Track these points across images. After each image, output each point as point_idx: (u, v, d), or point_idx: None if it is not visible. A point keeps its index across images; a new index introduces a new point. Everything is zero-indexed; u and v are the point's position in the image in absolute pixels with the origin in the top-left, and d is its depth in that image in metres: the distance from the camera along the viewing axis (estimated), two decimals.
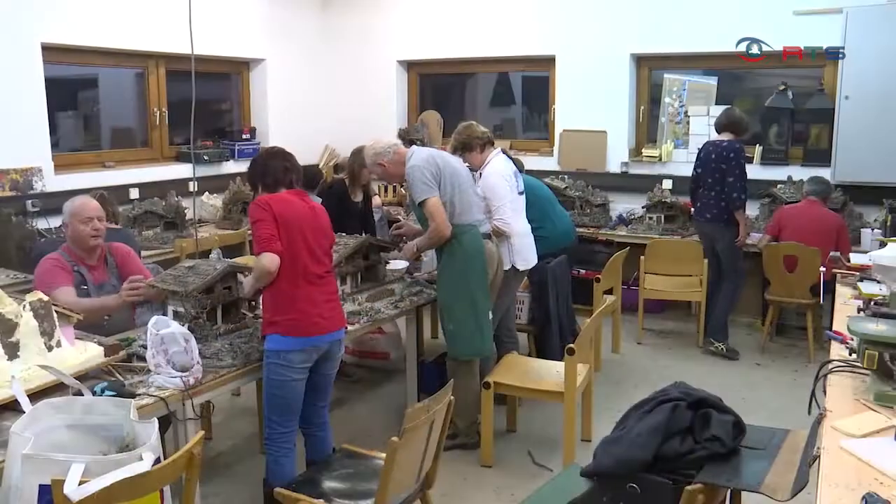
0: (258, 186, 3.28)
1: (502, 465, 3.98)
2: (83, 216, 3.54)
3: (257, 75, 7.56)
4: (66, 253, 3.60)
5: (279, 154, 3.34)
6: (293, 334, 3.03)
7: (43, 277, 3.48)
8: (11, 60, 5.34)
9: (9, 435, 2.20)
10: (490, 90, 8.28)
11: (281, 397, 3.08)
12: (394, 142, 4.08)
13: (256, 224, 3.05)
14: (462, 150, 4.32)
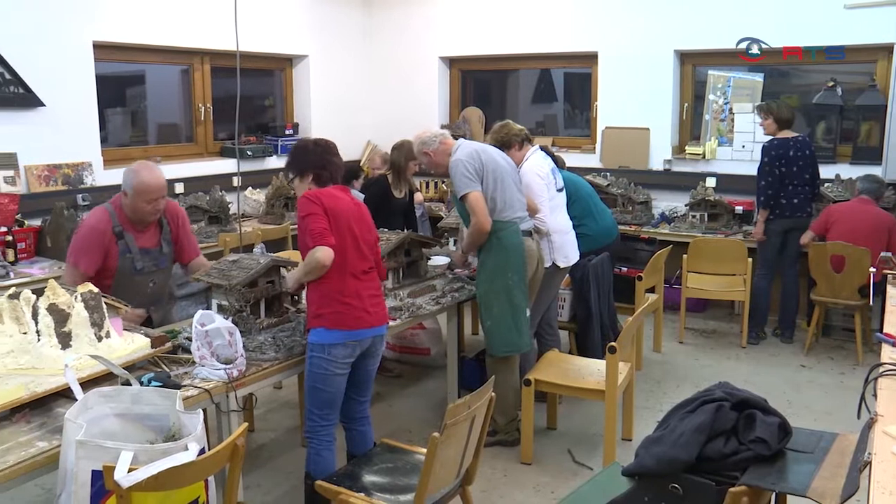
0: (308, 175, 3.23)
1: (542, 463, 3.97)
2: (149, 197, 3.41)
3: (300, 71, 7.62)
4: (115, 212, 3.46)
5: (333, 149, 3.32)
6: (338, 327, 3.03)
7: (75, 247, 3.42)
8: (65, 59, 5.46)
9: (63, 421, 2.26)
10: (532, 87, 8.25)
11: (323, 390, 3.09)
12: (441, 132, 4.09)
13: (308, 218, 3.04)
14: (500, 149, 4.30)
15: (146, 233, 3.53)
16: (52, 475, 2.32)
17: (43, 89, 5.26)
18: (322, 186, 3.20)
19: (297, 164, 3.28)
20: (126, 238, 3.45)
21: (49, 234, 5.07)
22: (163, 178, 3.47)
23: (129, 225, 3.47)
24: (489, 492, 3.69)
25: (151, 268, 3.55)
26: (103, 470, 2.11)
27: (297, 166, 3.27)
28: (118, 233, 3.44)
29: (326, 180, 3.21)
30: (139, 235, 3.50)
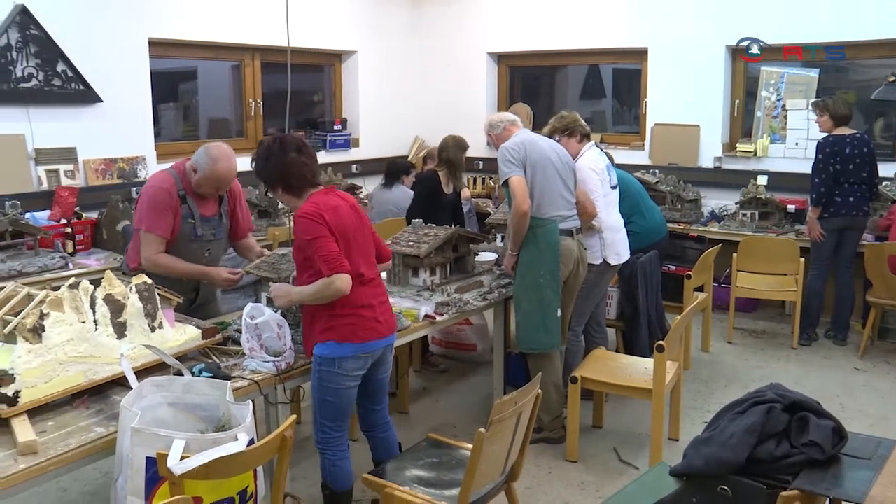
0: (278, 189, 3.00)
1: (587, 461, 3.95)
2: (216, 185, 3.46)
3: (349, 67, 7.67)
4: (178, 176, 3.47)
5: (295, 145, 3.00)
6: (349, 340, 2.88)
7: (144, 209, 3.42)
8: (122, 56, 5.60)
9: (119, 408, 2.32)
10: (580, 83, 8.19)
11: (334, 403, 2.95)
12: (511, 118, 4.11)
13: (318, 241, 2.81)
14: (562, 134, 4.28)
15: (207, 201, 3.56)
16: (110, 460, 2.39)
17: (101, 86, 5.40)
18: (300, 194, 2.96)
19: (264, 178, 3.04)
20: (189, 203, 3.47)
21: (105, 227, 5.20)
22: (235, 168, 3.50)
23: (191, 191, 3.49)
24: (534, 489, 3.68)
25: (209, 236, 3.57)
26: (157, 457, 2.17)
27: (265, 179, 3.03)
28: (182, 196, 3.45)
29: (298, 188, 2.97)
30: (201, 203, 3.53)
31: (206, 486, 2.24)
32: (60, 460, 2.25)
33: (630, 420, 4.39)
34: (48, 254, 4.70)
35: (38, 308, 2.64)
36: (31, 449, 2.23)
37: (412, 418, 4.49)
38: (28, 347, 2.56)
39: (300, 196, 2.97)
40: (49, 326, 2.62)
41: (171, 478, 2.14)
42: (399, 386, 4.56)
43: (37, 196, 5.14)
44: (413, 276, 4.10)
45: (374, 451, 3.24)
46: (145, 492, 2.24)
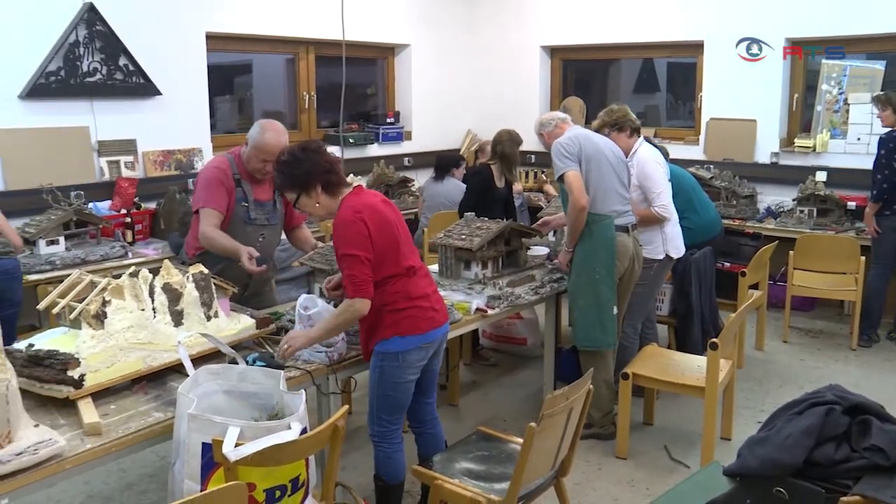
0: (315, 187, 2.86)
1: (637, 458, 3.92)
2: (263, 157, 3.45)
3: (402, 60, 7.70)
4: (234, 160, 3.55)
5: (322, 148, 2.99)
6: (413, 332, 2.88)
7: (200, 188, 3.50)
8: (181, 50, 5.73)
9: (176, 395, 2.38)
10: (634, 76, 8.11)
11: (394, 397, 2.95)
12: (562, 116, 4.08)
13: (348, 260, 2.77)
14: (611, 129, 4.24)
15: (262, 186, 3.60)
16: (167, 444, 2.44)
17: (160, 79, 5.53)
18: (334, 192, 2.89)
19: (297, 181, 2.88)
20: (244, 186, 3.54)
21: (163, 217, 5.32)
22: (283, 143, 3.41)
23: (246, 175, 3.55)
24: (583, 485, 3.67)
25: (263, 220, 3.61)
26: (213, 443, 2.21)
27: (299, 182, 2.88)
28: (237, 179, 3.52)
29: (337, 185, 2.90)
30: (255, 187, 3.58)
31: (260, 472, 2.27)
32: (122, 442, 2.31)
33: (681, 418, 4.34)
34: (109, 243, 4.84)
35: (101, 295, 2.72)
36: (96, 430, 2.30)
37: (461, 411, 4.51)
38: (91, 333, 2.64)
39: (336, 195, 2.90)
40: (111, 313, 2.70)
41: (225, 464, 2.18)
42: (449, 379, 4.58)
43: (99, 187, 5.29)
44: (465, 270, 4.11)
45: (421, 448, 3.23)
46: (201, 476, 2.28)
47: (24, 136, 4.94)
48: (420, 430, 3.23)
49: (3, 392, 2.07)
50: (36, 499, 3.41)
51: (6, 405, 2.08)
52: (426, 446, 3.21)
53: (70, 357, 2.48)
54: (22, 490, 2.08)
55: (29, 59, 4.92)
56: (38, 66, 4.94)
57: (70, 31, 5.03)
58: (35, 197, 4.77)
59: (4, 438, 2.07)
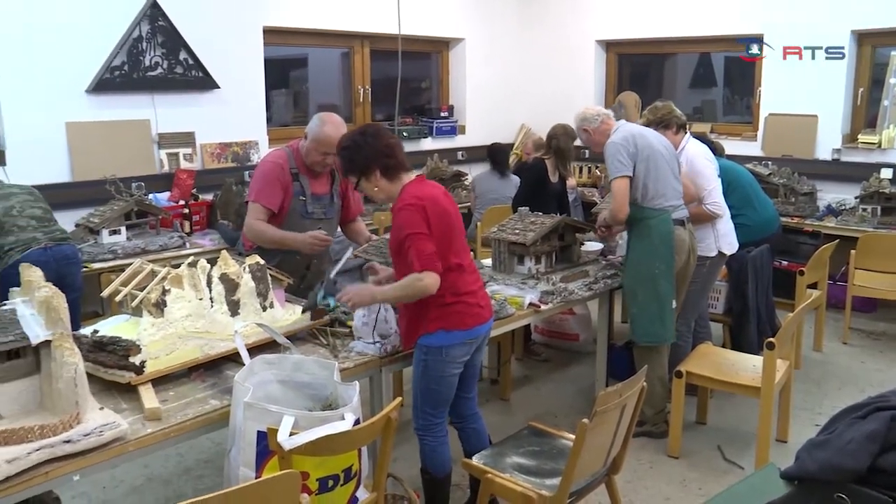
0: (375, 171, 2.87)
1: (690, 458, 3.87)
2: (323, 150, 3.49)
3: (456, 54, 7.71)
4: (292, 154, 3.58)
5: (385, 132, 2.98)
6: (458, 328, 2.88)
7: (256, 181, 3.55)
8: (238, 44, 5.83)
9: (233, 383, 2.42)
10: (690, 71, 7.98)
11: (437, 391, 2.95)
12: (605, 111, 4.02)
13: (414, 237, 2.76)
14: (657, 127, 4.18)
15: (319, 179, 3.64)
16: (222, 431, 2.49)
17: (218, 73, 5.63)
18: (393, 177, 2.89)
19: (356, 165, 2.90)
20: (301, 180, 3.57)
21: (219, 208, 5.42)
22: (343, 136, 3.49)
23: (304, 169, 3.58)
24: (634, 482, 3.64)
25: (320, 214, 3.66)
26: (267, 432, 2.25)
27: (358, 166, 2.90)
28: (294, 174, 3.56)
29: (396, 168, 2.89)
30: (313, 181, 3.62)
31: (313, 462, 2.30)
32: (180, 428, 2.37)
33: (735, 418, 4.27)
34: (168, 233, 4.94)
35: (161, 284, 2.78)
36: (156, 415, 2.35)
37: (513, 406, 4.51)
38: (152, 321, 2.70)
39: (395, 180, 2.89)
40: (170, 302, 2.76)
41: (280, 452, 2.22)
42: (501, 373, 4.58)
43: (159, 178, 5.42)
44: (518, 264, 4.10)
45: (465, 443, 3.22)
46: (256, 464, 2.33)
47: (90, 128, 5.08)
48: (461, 425, 3.23)
49: (72, 375, 2.14)
50: (101, 478, 3.54)
51: (75, 388, 2.15)
52: (470, 442, 3.21)
53: (132, 344, 2.54)
54: (89, 469, 2.15)
55: (95, 54, 5.07)
56: (103, 61, 5.08)
57: (134, 27, 5.16)
58: (99, 188, 4.91)
59: (74, 419, 2.14)
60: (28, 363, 2.21)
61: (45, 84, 4.89)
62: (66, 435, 2.10)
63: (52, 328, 2.19)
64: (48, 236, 3.93)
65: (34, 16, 4.79)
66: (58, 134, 4.98)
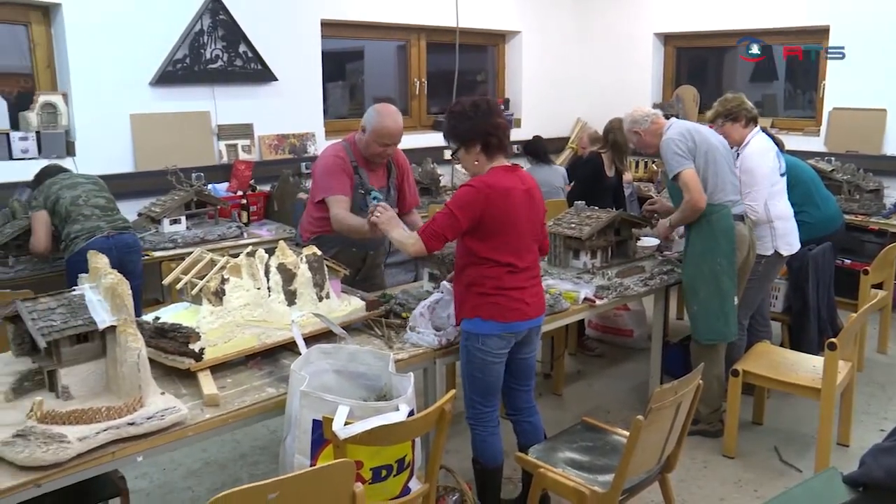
0: (475, 145, 2.87)
1: (745, 458, 3.80)
2: (384, 140, 3.51)
3: (513, 47, 7.67)
4: (350, 147, 3.59)
5: (497, 110, 2.94)
6: (495, 319, 2.86)
7: (323, 177, 3.54)
8: (296, 37, 5.89)
9: (289, 372, 2.46)
10: (751, 64, 7.79)
11: (482, 378, 2.95)
12: (653, 111, 3.96)
13: (447, 214, 2.81)
14: (725, 119, 4.11)
15: (377, 172, 3.66)
16: (278, 419, 2.52)
17: (276, 65, 5.70)
18: (492, 155, 2.89)
19: (459, 133, 2.90)
20: (360, 173, 3.58)
21: (276, 199, 5.50)
22: (401, 126, 3.54)
23: (362, 161, 3.59)
24: (688, 482, 3.59)
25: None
26: (323, 421, 2.27)
27: (460, 135, 2.90)
28: (354, 166, 3.57)
29: (496, 148, 2.88)
30: (371, 174, 3.63)
31: (367, 451, 2.32)
32: (238, 414, 2.41)
33: (793, 419, 4.19)
34: (226, 223, 5.03)
35: (220, 273, 2.83)
36: (214, 401, 2.40)
37: (565, 401, 4.49)
38: (211, 309, 2.75)
39: (491, 159, 2.90)
40: (229, 291, 2.81)
41: (335, 441, 2.24)
42: (554, 368, 4.57)
43: (217, 169, 5.52)
44: (573, 259, 4.07)
45: (520, 437, 3.20)
46: (311, 451, 2.36)
47: (152, 120, 5.20)
48: (517, 417, 3.21)
49: (135, 360, 2.20)
50: (161, 460, 3.63)
51: (138, 372, 2.21)
52: (525, 435, 3.18)
53: (192, 331, 2.60)
54: (151, 451, 2.21)
55: (159, 48, 5.18)
56: (166, 54, 5.19)
57: (195, 22, 5.26)
58: (161, 178, 5.02)
59: (137, 402, 2.20)
60: (95, 347, 2.28)
61: (111, 77, 5.01)
62: (131, 417, 2.16)
63: (117, 314, 2.26)
64: (111, 225, 4.04)
65: (103, 13, 4.92)
66: (122, 125, 5.11)
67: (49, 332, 2.17)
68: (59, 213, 4.01)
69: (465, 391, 3.03)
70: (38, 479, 1.97)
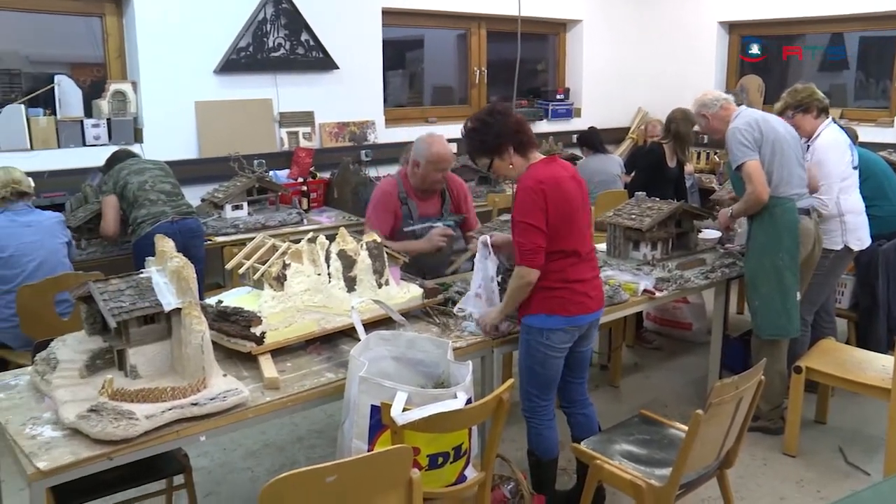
0: (508, 149, 2.88)
1: (807, 458, 3.72)
2: (440, 166, 3.69)
3: (574, 36, 7.60)
4: (402, 181, 3.80)
5: (510, 110, 2.96)
6: (559, 313, 2.85)
7: (371, 210, 3.78)
8: (358, 25, 5.94)
9: (349, 357, 2.49)
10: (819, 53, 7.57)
11: (541, 373, 2.95)
12: (724, 96, 3.87)
13: (523, 227, 2.79)
14: (795, 110, 4.00)
15: (429, 202, 3.81)
16: (335, 403, 2.56)
17: (337, 53, 5.75)
18: (525, 153, 2.89)
19: (488, 143, 2.91)
20: (409, 204, 3.77)
21: (336, 187, 5.55)
22: (450, 150, 3.76)
23: (412, 193, 3.79)
24: (746, 479, 3.53)
25: (424, 232, 3.77)
26: (381, 406, 2.30)
27: (490, 144, 2.90)
28: (402, 198, 3.75)
29: (527, 144, 2.90)
30: (422, 203, 3.79)
31: (425, 438, 2.34)
32: (297, 398, 2.45)
33: (859, 419, 4.07)
34: (286, 209, 5.10)
35: (282, 259, 2.87)
36: (275, 385, 2.45)
37: (622, 393, 4.45)
38: (272, 294, 2.80)
39: (527, 156, 2.90)
40: (290, 276, 2.85)
41: (393, 427, 2.26)
42: (611, 360, 4.53)
43: (279, 156, 5.60)
44: (633, 250, 4.02)
45: (574, 429, 3.19)
46: (368, 437, 2.38)
47: (217, 107, 5.30)
48: (571, 410, 3.19)
49: (199, 342, 2.26)
50: (222, 440, 3.73)
51: (202, 354, 2.27)
52: (579, 428, 3.17)
53: (253, 315, 2.65)
54: (213, 431, 2.27)
55: (223, 37, 5.28)
56: (230, 43, 5.28)
57: (259, 10, 5.34)
58: (224, 164, 5.12)
59: (200, 383, 2.26)
60: (161, 328, 2.34)
61: (177, 66, 5.13)
62: (194, 398, 2.22)
63: (182, 297, 2.31)
64: (175, 210, 4.14)
65: (170, 3, 5.04)
66: (187, 113, 5.22)
67: (119, 312, 2.23)
68: (127, 197, 4.13)
69: (522, 384, 3.03)
70: (110, 453, 2.06)
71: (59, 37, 5.17)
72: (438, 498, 2.48)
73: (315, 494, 1.93)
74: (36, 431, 2.14)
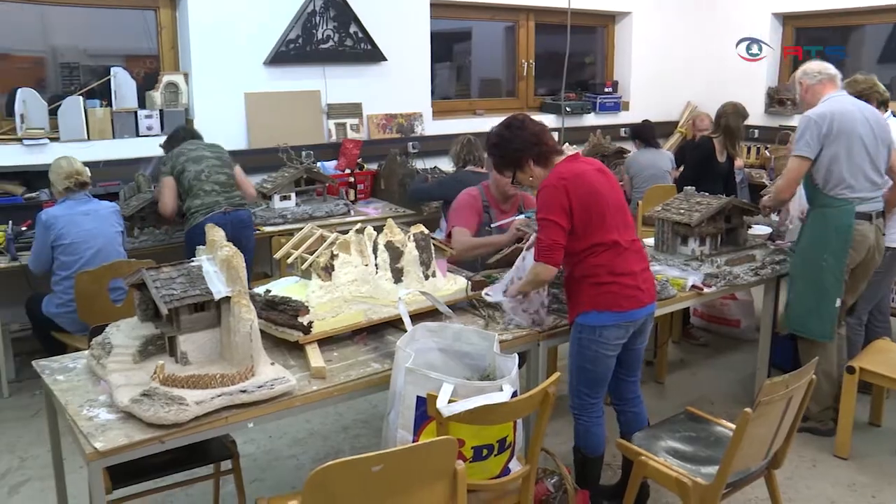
0: (527, 162, 2.91)
1: (860, 460, 3.63)
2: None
3: (622, 28, 7.52)
4: (484, 191, 3.88)
5: (527, 120, 2.98)
6: (611, 309, 2.81)
7: (454, 212, 3.86)
8: (406, 18, 5.97)
9: (395, 348, 2.50)
10: (879, 44, 7.37)
11: (592, 371, 2.91)
12: (830, 73, 3.69)
13: (545, 223, 2.79)
14: None
15: (507, 214, 3.85)
16: (381, 394, 2.57)
17: (386, 46, 5.77)
18: (545, 163, 2.90)
19: (508, 159, 2.96)
20: (490, 212, 3.85)
21: (383, 178, 5.58)
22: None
23: (493, 202, 3.86)
24: (795, 480, 3.47)
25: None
26: (427, 398, 2.30)
27: (510, 160, 2.96)
28: (485, 207, 3.84)
29: (548, 154, 2.90)
30: (500, 214, 3.84)
31: (470, 430, 2.34)
32: (343, 388, 2.48)
33: None
34: (334, 200, 5.15)
35: (330, 249, 2.90)
36: (321, 374, 2.48)
37: (667, 389, 4.41)
38: (320, 284, 2.82)
39: (547, 165, 2.91)
40: (338, 266, 2.87)
41: (438, 418, 2.27)
42: (657, 355, 4.49)
43: (326, 147, 5.65)
44: (682, 245, 3.98)
45: (623, 426, 3.16)
46: (414, 427, 2.40)
47: (266, 99, 5.37)
48: (622, 407, 3.17)
49: (247, 330, 2.29)
50: (268, 427, 3.78)
51: (250, 342, 2.30)
52: (628, 425, 3.14)
53: (301, 304, 2.67)
54: (260, 418, 2.31)
55: (273, 29, 5.34)
56: (280, 35, 5.33)
57: (309, 2, 5.39)
58: (272, 155, 5.19)
59: (249, 371, 2.30)
60: (211, 316, 2.38)
61: (228, 57, 5.21)
62: (242, 385, 2.25)
63: (232, 285, 2.35)
64: (228, 201, 4.21)
65: None
66: (237, 104, 5.30)
67: (170, 299, 2.28)
68: (183, 184, 4.23)
69: (571, 381, 3.00)
70: (162, 437, 2.11)
71: (115, 30, 5.29)
72: (482, 490, 2.48)
73: (360, 483, 1.95)
74: (93, 413, 2.21)
